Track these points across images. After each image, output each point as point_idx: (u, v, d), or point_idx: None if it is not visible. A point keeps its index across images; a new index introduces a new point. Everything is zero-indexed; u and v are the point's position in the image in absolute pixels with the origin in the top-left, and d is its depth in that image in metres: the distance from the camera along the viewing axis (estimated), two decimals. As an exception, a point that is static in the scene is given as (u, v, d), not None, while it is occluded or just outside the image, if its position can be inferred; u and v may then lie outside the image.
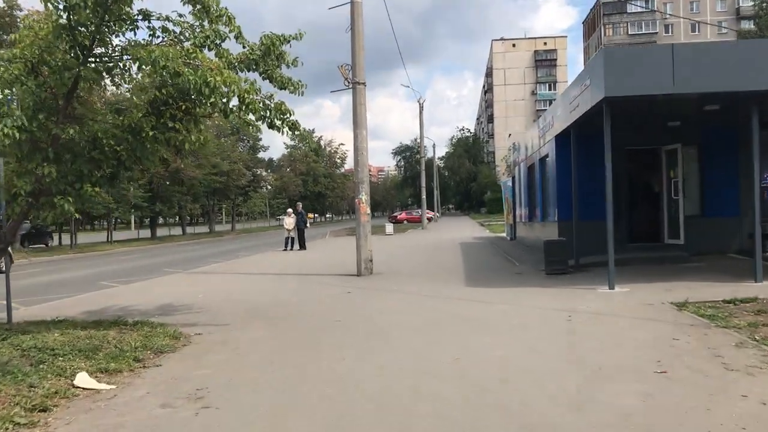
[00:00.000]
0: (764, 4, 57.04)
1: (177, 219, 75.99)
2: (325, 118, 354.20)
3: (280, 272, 17.00)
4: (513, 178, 26.27)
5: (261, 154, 75.43)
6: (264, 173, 72.58)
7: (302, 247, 26.64)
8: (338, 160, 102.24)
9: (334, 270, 16.70)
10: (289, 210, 27.58)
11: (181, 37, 7.90)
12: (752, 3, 64.21)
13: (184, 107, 7.97)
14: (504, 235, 31.33)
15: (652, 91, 10.66)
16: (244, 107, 7.70)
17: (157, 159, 8.52)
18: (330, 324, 9.05)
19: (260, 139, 68.34)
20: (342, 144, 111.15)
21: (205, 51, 7.86)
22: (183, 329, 8.92)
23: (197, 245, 40.59)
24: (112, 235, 46.87)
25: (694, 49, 12.83)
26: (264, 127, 8.53)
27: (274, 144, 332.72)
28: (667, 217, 15.86)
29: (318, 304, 11.04)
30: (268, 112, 8.24)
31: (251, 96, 7.50)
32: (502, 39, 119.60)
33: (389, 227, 39.84)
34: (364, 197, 14.95)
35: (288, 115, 8.32)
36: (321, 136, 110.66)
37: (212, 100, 7.17)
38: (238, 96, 7.40)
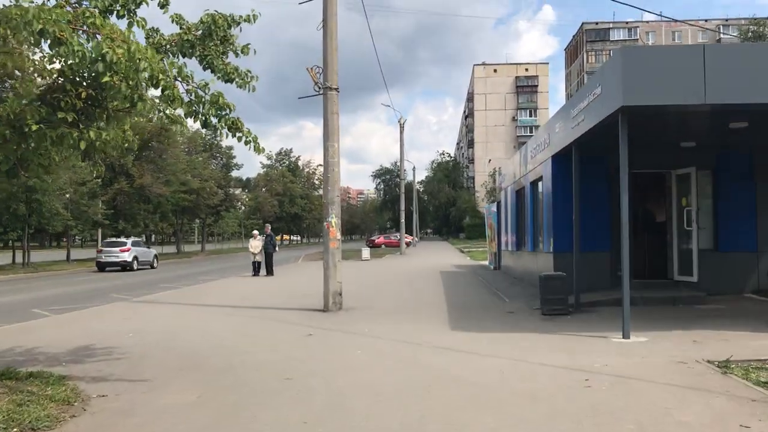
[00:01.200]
0: (749, 34, 56.82)
1: (144, 238, 73.41)
2: (306, 139, 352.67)
3: (238, 304, 14.86)
4: (498, 203, 24.47)
5: (235, 173, 73.16)
6: (238, 192, 70.07)
7: (269, 272, 24.48)
8: (316, 182, 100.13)
9: (299, 302, 14.61)
10: (255, 232, 25.40)
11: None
12: (736, 35, 64.10)
13: (84, 95, 5.94)
14: (486, 263, 29.46)
15: (680, 100, 8.87)
16: (163, 95, 5.71)
17: (52, 162, 6.45)
18: (278, 384, 6.97)
19: (234, 157, 66.12)
20: (320, 165, 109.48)
21: (114, 19, 5.87)
22: (87, 386, 6.84)
23: (161, 267, 38.11)
24: (71, 254, 44.13)
25: (730, 51, 11.12)
26: (226, 135, 6.64)
27: (251, 163, 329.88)
28: (677, 251, 14.07)
29: (270, 352, 8.95)
30: (201, 105, 6.27)
31: (167, 79, 5.50)
32: (483, 64, 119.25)
33: (366, 252, 37.79)
34: (334, 220, 12.95)
35: (227, 110, 6.34)
36: (299, 156, 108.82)
37: (108, 80, 5.14)
38: (152, 78, 5.39)
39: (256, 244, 24.59)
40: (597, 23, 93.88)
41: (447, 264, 30.86)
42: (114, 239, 36.39)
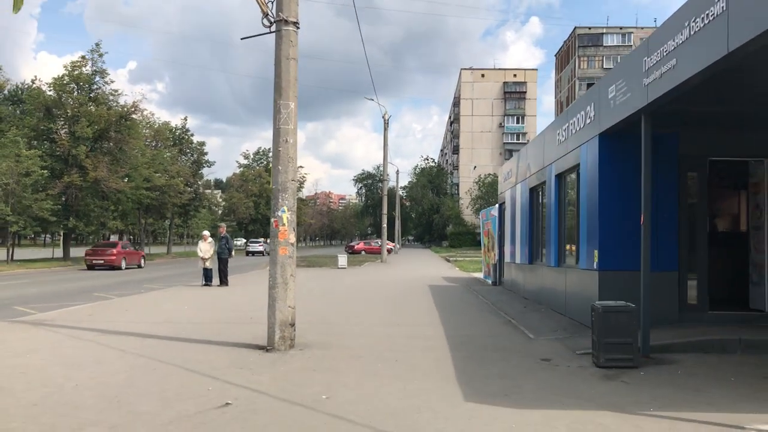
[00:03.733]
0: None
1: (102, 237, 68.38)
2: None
3: (152, 332, 10.55)
4: (501, 205, 20.41)
5: (211, 174, 68.67)
6: (209, 192, 65.38)
7: (223, 282, 20.18)
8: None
9: (238, 331, 10.38)
10: (205, 233, 20.93)
11: None
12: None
13: None
14: (481, 276, 25.41)
15: None
16: None
17: None
18: None
19: (206, 153, 61.42)
20: (301, 166, 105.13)
21: None
22: None
23: (108, 271, 33.54)
24: (14, 254, 39.25)
25: None
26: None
27: (227, 163, 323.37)
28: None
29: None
30: None
31: None
32: (471, 68, 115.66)
33: (342, 259, 33.55)
34: (286, 215, 8.73)
35: None
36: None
37: None
38: None
39: (205, 247, 20.26)
40: (590, 28, 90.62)
41: (435, 275, 26.74)
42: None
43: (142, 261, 37.13)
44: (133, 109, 42.45)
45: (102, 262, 32.31)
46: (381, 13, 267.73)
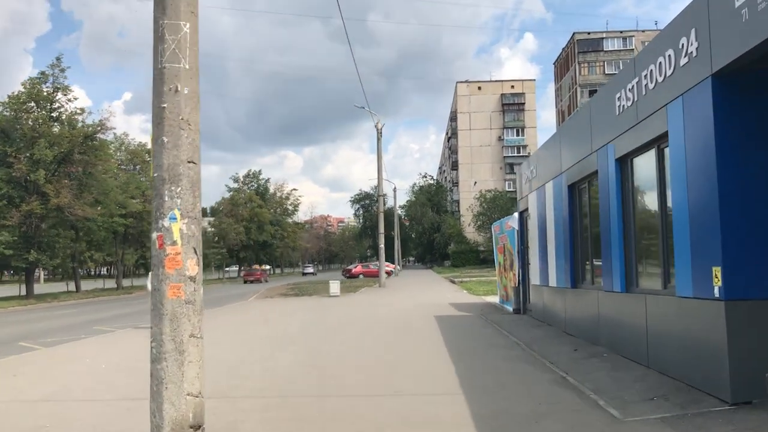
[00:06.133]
0: None
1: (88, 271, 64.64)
2: (288, 169, 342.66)
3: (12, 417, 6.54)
4: (521, 213, 16.42)
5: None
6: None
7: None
8: (290, 207, 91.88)
9: (133, 426, 6.37)
10: (158, 262, 16.96)
11: None
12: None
13: None
14: (496, 300, 21.35)
15: None
16: None
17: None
18: None
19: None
20: (295, 189, 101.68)
21: None
22: None
23: (75, 308, 29.55)
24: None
25: None
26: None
27: (218, 189, 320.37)
28: None
29: None
30: None
31: None
32: (467, 81, 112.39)
33: (334, 286, 29.40)
34: (178, 225, 4.77)
35: None
36: (269, 179, 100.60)
37: None
38: None
39: (157, 280, 16.28)
40: (589, 33, 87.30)
41: (440, 302, 22.69)
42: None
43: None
44: (99, 128, 38.59)
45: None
46: (374, 35, 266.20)
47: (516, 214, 17.12)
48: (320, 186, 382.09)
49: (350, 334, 13.94)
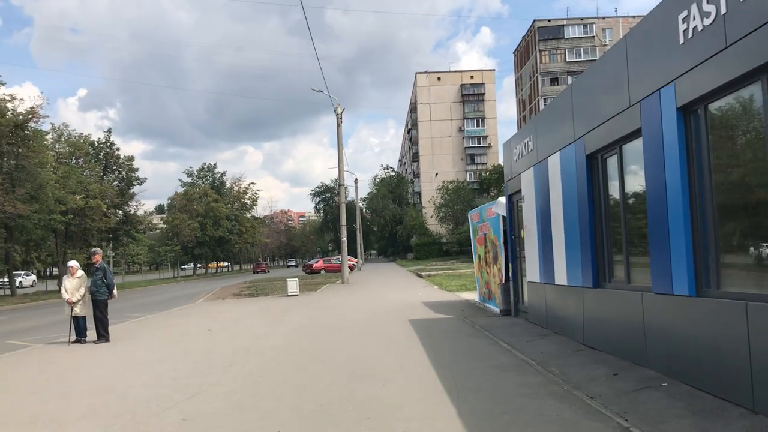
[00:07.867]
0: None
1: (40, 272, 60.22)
2: (248, 164, 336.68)
3: None
4: (510, 197, 13.98)
5: (150, 198, 60.81)
6: (141, 213, 57.46)
7: (101, 336, 13.29)
8: (248, 201, 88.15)
9: None
10: (72, 264, 13.73)
11: None
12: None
13: None
14: (475, 298, 18.96)
15: None
16: None
17: None
18: None
19: (136, 169, 53.57)
20: (253, 183, 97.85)
21: None
22: None
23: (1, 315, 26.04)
24: None
25: None
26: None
27: (171, 184, 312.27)
28: None
29: None
30: None
31: None
32: (426, 72, 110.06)
33: (293, 284, 26.60)
34: None
35: None
36: (224, 172, 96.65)
37: None
38: None
39: (72, 285, 13.31)
40: (549, 20, 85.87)
41: (411, 300, 20.20)
42: None
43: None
44: (31, 116, 34.85)
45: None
46: (333, 31, 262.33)
47: (502, 199, 14.68)
48: (281, 181, 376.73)
49: (308, 353, 11.27)
